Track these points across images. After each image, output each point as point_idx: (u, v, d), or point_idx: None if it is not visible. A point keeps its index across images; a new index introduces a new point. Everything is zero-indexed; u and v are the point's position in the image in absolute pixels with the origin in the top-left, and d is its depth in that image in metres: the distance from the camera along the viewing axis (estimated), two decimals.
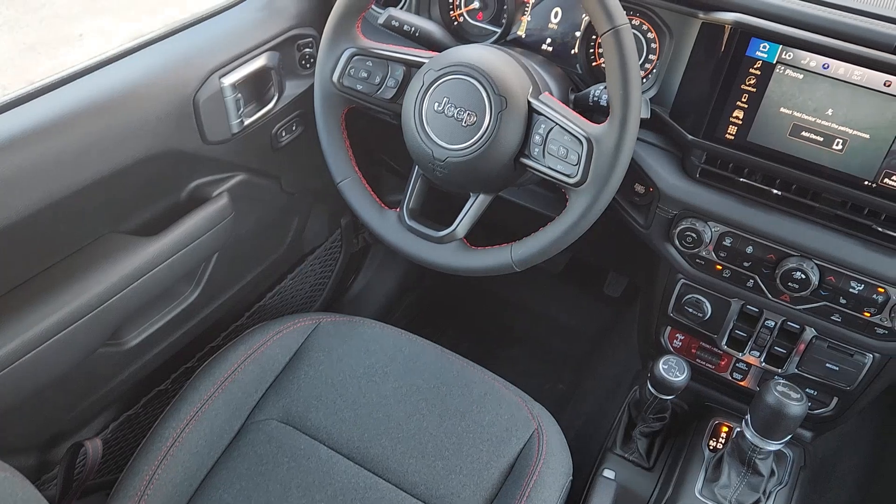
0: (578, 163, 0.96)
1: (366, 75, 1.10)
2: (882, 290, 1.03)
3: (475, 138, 1.00)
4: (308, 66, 1.31)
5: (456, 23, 1.28)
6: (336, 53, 1.10)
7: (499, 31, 1.24)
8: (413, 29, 1.14)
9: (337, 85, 1.11)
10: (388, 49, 1.09)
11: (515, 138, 1.00)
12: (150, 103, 1.06)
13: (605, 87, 1.02)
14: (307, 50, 1.30)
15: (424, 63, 1.05)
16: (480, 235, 1.12)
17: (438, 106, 1.02)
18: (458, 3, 1.27)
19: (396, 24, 1.14)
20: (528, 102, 1.00)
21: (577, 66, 1.19)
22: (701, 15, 1.04)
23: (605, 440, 1.37)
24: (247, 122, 1.21)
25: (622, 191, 1.16)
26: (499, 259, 1.05)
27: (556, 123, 0.98)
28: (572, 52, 1.20)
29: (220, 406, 1.14)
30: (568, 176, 0.98)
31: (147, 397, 1.36)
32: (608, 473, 1.27)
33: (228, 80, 1.15)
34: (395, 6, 1.28)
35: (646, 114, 1.03)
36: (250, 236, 1.37)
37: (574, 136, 0.97)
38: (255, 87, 1.23)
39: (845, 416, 1.25)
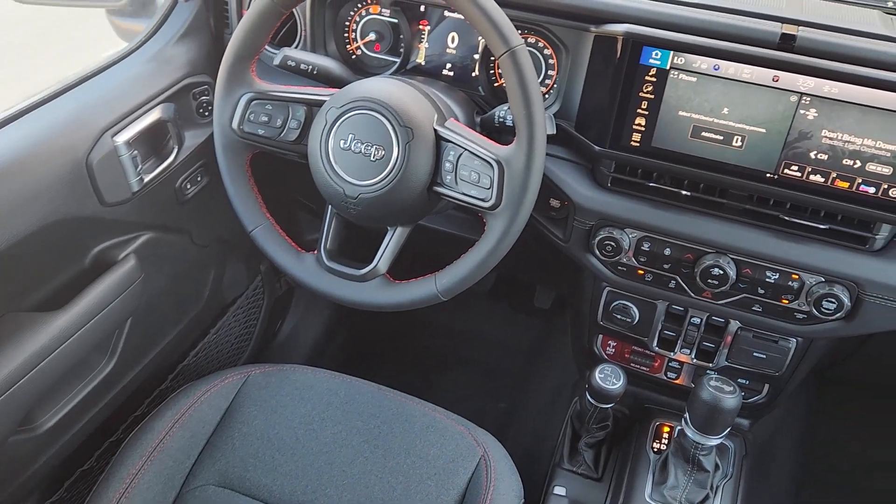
0: (491, 186, 0.96)
1: (266, 119, 1.07)
2: (796, 277, 1.06)
3: (385, 172, 0.99)
4: (206, 114, 1.27)
5: (354, 56, 1.27)
6: (233, 100, 1.07)
7: (398, 60, 1.23)
8: (310, 67, 1.13)
9: (237, 132, 1.08)
10: (286, 90, 1.07)
11: (426, 168, 0.99)
12: (40, 170, 1.00)
13: (509, 108, 1.03)
14: (203, 98, 1.26)
15: (325, 101, 1.03)
16: (404, 267, 1.10)
17: (344, 143, 1.00)
18: (354, 36, 1.26)
19: (293, 63, 1.12)
20: (435, 131, 1.00)
21: (480, 88, 1.20)
22: (593, 29, 1.06)
23: (553, 455, 1.37)
24: (147, 178, 1.16)
25: (538, 207, 1.16)
26: (424, 291, 1.04)
27: (465, 149, 0.98)
28: (473, 74, 1.20)
29: (152, 478, 1.07)
30: (483, 200, 0.97)
31: (70, 480, 1.28)
32: (559, 490, 1.26)
33: (122, 138, 1.10)
34: (290, 46, 1.26)
35: (551, 130, 1.04)
36: (165, 295, 1.32)
37: (484, 159, 0.96)
38: (152, 142, 1.18)
39: (778, 400, 1.29)
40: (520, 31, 1.12)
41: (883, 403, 1.75)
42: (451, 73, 1.22)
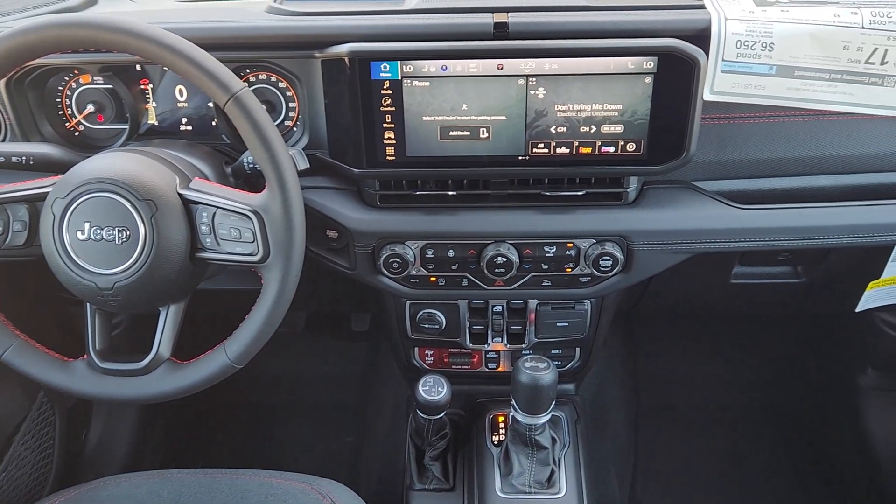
0: (255, 239, 0.91)
1: None
2: (571, 245, 1.12)
3: (136, 254, 0.91)
4: None
5: (77, 133, 1.16)
6: None
7: (127, 127, 1.14)
8: (23, 158, 1.01)
9: None
10: None
11: (181, 237, 0.92)
12: None
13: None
14: None
15: (48, 192, 0.93)
16: (196, 339, 1.02)
17: (82, 233, 0.91)
18: (70, 112, 1.14)
19: (1, 159, 1.00)
20: (180, 195, 0.93)
21: (223, 136, 1.14)
22: (317, 54, 1.03)
23: (403, 479, 1.34)
24: None
25: (316, 241, 1.13)
26: (216, 365, 0.97)
27: (217, 207, 0.92)
28: (213, 124, 1.14)
29: None
30: (250, 255, 0.92)
31: None
32: None
33: None
34: None
35: (303, 164, 1.01)
36: None
37: (240, 213, 0.91)
38: None
39: (592, 358, 1.35)
40: (247, 70, 1.09)
41: (685, 328, 1.91)
42: (190, 128, 1.15)
